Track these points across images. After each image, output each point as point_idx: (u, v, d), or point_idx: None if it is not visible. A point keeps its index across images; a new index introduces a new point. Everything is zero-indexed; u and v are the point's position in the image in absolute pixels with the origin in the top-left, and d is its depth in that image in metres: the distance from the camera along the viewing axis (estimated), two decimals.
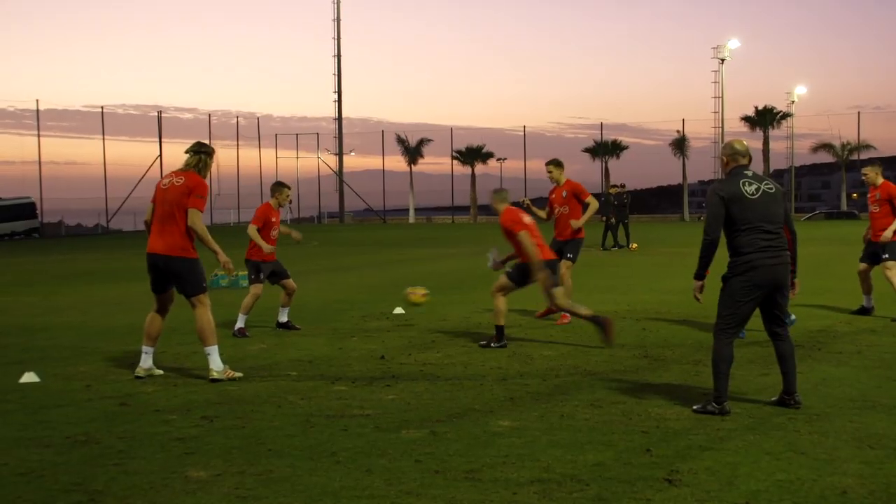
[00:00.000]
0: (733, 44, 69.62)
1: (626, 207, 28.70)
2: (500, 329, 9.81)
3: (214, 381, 8.08)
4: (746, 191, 6.54)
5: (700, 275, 6.72)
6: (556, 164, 12.43)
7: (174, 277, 8.33)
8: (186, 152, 8.48)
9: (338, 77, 69.85)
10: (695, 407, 6.69)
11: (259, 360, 9.32)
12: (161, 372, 8.53)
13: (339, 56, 69.59)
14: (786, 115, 71.80)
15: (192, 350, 9.95)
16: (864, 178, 12.26)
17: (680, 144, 72.30)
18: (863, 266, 12.09)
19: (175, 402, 7.29)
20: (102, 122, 65.74)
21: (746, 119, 71.08)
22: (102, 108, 66.93)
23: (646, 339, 10.15)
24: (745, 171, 6.68)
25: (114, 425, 6.51)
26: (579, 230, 12.07)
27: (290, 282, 11.87)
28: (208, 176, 8.55)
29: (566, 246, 11.93)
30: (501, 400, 7.17)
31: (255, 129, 76.06)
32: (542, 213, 12.31)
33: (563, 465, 5.32)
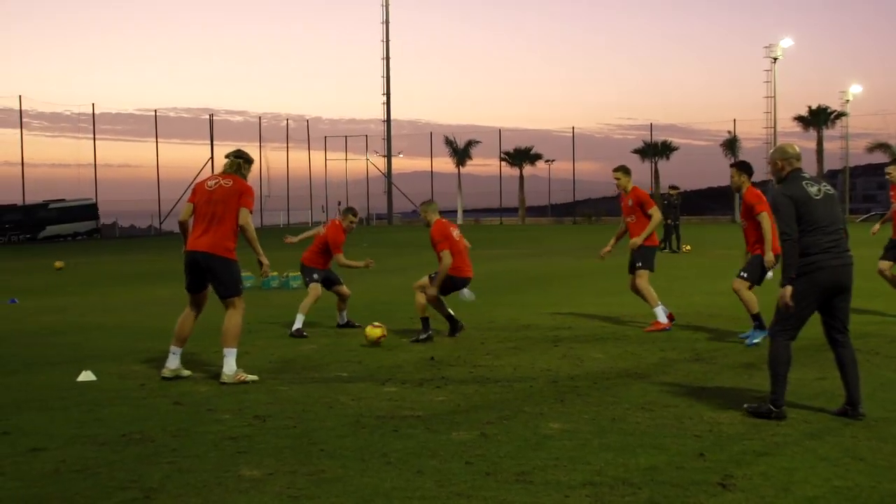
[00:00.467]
0: (786, 42, 68.74)
1: (677, 209, 28.49)
2: (424, 321, 10.55)
3: (224, 384, 8.08)
4: (811, 191, 6.47)
5: (790, 279, 6.40)
6: (623, 170, 11.62)
7: (212, 277, 8.37)
8: (226, 157, 8.59)
9: (386, 79, 70.01)
10: (747, 405, 6.62)
11: (311, 360, 9.37)
12: (189, 373, 8.57)
13: (387, 58, 69.75)
14: (840, 115, 70.79)
15: (244, 350, 10.02)
16: (887, 176, 12.16)
17: (731, 145, 71.52)
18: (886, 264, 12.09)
19: (228, 401, 7.35)
20: (156, 126, 66.77)
21: (799, 119, 70.20)
22: (156, 111, 68.30)
23: (697, 342, 10.06)
24: (803, 174, 6.61)
25: (168, 424, 6.58)
26: (650, 236, 11.39)
27: (343, 288, 12.00)
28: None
29: (635, 254, 11.33)
30: (552, 402, 7.13)
31: (304, 132, 76.08)
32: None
33: (614, 469, 5.28)
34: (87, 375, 8.40)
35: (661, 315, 10.98)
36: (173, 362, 8.46)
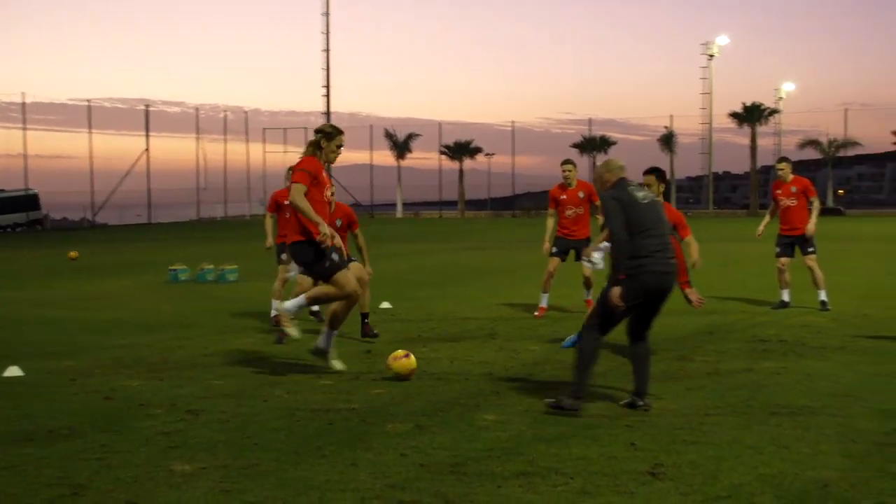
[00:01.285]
0: (722, 40, 69.84)
1: None
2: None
3: (273, 314, 8.09)
4: (637, 196, 6.56)
5: (617, 280, 6.45)
6: (573, 164, 12.20)
7: (300, 264, 8.28)
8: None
9: (327, 71, 69.68)
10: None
11: (246, 354, 9.31)
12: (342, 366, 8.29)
13: (328, 50, 69.43)
14: (773, 112, 72.06)
15: (178, 344, 9.94)
16: (779, 172, 12.56)
17: (668, 140, 72.50)
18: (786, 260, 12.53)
19: (160, 396, 7.28)
20: (89, 116, 65.74)
21: (734, 115, 71.28)
22: (89, 101, 66.81)
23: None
24: (629, 182, 6.71)
25: (98, 419, 6.50)
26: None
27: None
28: (322, 157, 8.08)
29: (581, 245, 11.71)
30: (487, 394, 7.18)
31: (242, 124, 75.77)
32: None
33: (547, 459, 5.33)
34: (14, 371, 8.24)
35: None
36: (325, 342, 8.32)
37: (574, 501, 4.61)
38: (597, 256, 8.07)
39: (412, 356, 7.86)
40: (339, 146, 8.11)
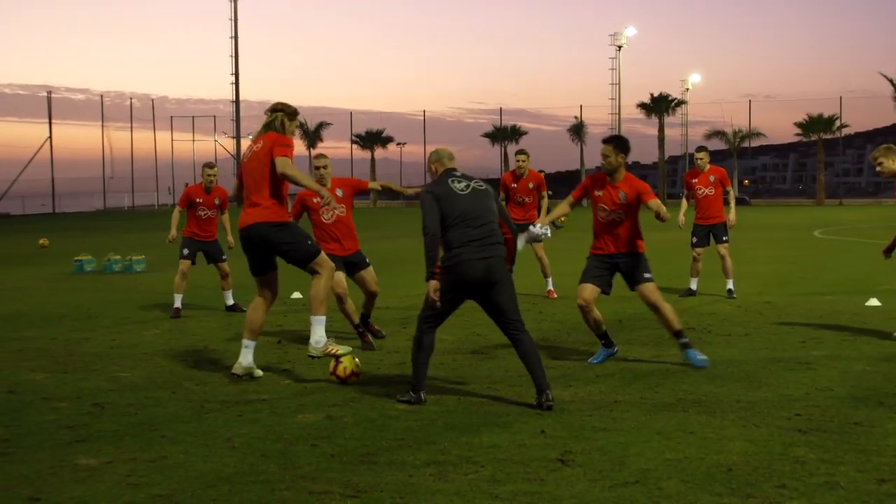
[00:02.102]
0: (630, 31, 70.80)
1: None
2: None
3: (312, 357, 7.33)
4: (456, 187, 6.62)
5: (433, 273, 6.49)
6: (527, 154, 12.61)
7: (273, 248, 7.37)
8: (265, 112, 7.66)
9: (235, 59, 68.62)
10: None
11: (155, 345, 9.16)
12: (261, 373, 7.59)
13: (235, 37, 68.33)
14: (680, 103, 73.44)
15: (84, 336, 9.74)
16: (698, 162, 12.83)
17: (578, 130, 73.35)
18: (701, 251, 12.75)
19: (65, 389, 7.12)
20: None
21: (642, 106, 72.44)
22: None
23: (542, 323, 10.30)
24: (454, 173, 6.78)
25: (4, 411, 6.33)
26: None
27: (224, 265, 11.77)
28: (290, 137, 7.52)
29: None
30: (398, 384, 7.19)
31: (149, 111, 74.38)
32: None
33: (458, 448, 5.36)
34: None
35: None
36: (245, 358, 7.48)
37: (484, 489, 4.64)
38: (524, 239, 7.87)
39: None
40: (297, 127, 7.86)
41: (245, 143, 73.51)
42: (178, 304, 11.38)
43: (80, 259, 17.99)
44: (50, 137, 65.20)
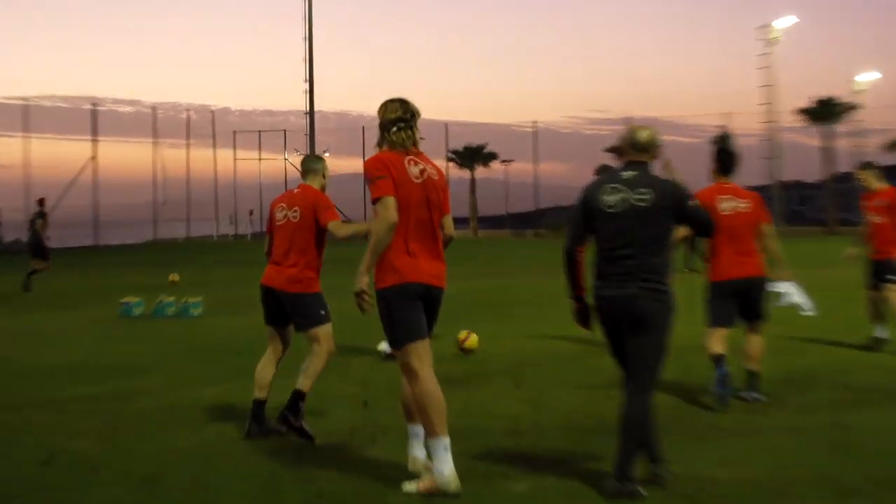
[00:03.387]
0: (786, 22, 69.81)
1: None
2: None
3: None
4: (608, 200, 6.24)
5: (574, 295, 6.53)
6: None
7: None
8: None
9: (309, 63, 69.52)
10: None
11: (216, 406, 9.21)
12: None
13: (310, 38, 69.31)
14: (852, 108, 72.02)
15: (134, 394, 9.86)
16: (861, 182, 12.47)
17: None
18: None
19: (111, 460, 7.20)
20: (25, 117, 65.68)
21: (804, 112, 71.24)
22: (26, 99, 66.92)
23: (691, 378, 10.06)
24: (623, 173, 6.36)
25: (34, 489, 6.43)
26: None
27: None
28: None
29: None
30: (514, 457, 7.07)
31: (208, 125, 75.51)
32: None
33: None
34: None
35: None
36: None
37: None
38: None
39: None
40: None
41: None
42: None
43: (128, 301, 18.31)
44: (94, 157, 66.78)
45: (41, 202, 26.87)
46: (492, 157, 75.33)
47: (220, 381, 10.63)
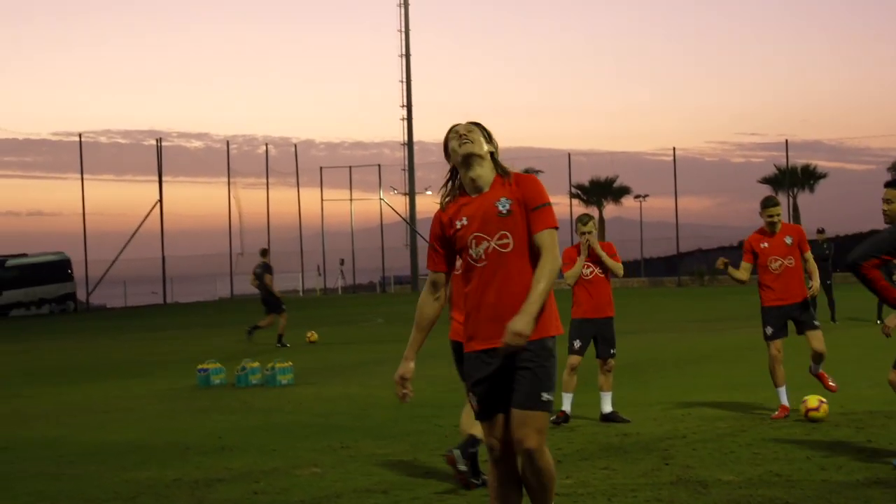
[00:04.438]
0: None
1: (828, 262, 28.21)
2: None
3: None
4: None
5: None
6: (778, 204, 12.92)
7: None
8: None
9: (407, 85, 69.72)
10: None
11: (313, 492, 9.27)
12: None
13: (407, 55, 69.61)
14: None
15: (216, 477, 9.97)
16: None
17: None
18: None
19: None
20: (81, 155, 66.61)
21: None
22: (80, 135, 67.95)
23: (877, 454, 9.89)
24: None
25: None
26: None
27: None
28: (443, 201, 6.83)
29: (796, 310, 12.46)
30: None
31: (290, 161, 75.75)
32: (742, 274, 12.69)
33: None
34: None
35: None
36: None
37: None
38: None
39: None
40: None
41: (422, 201, 72.82)
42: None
43: (205, 368, 18.49)
44: (160, 200, 67.46)
45: (265, 253, 27.83)
46: (623, 191, 74.82)
47: (317, 461, 10.70)
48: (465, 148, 6.47)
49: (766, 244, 12.52)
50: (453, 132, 6.60)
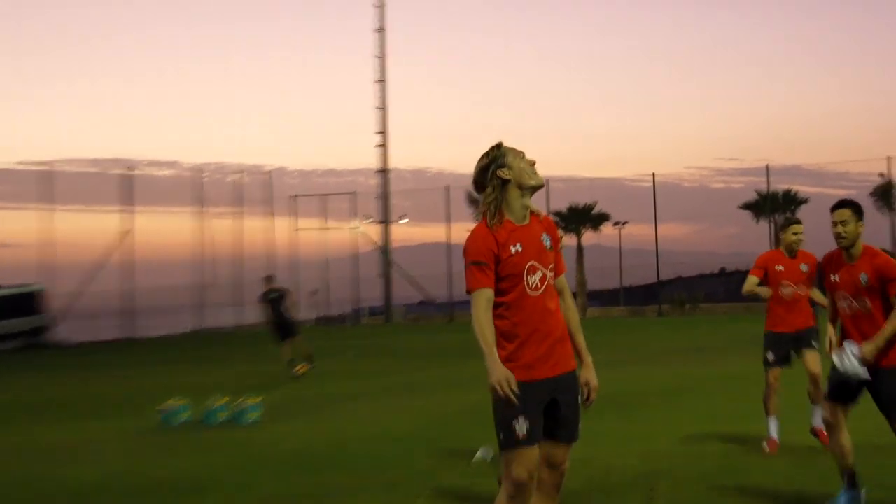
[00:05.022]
0: None
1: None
2: None
3: None
4: None
5: None
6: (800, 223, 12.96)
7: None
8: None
9: (382, 112, 70.01)
10: None
11: None
12: None
13: (383, 81, 69.87)
14: None
15: None
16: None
17: (886, 194, 71.60)
18: None
19: None
20: (46, 185, 66.47)
21: None
22: (48, 164, 67.85)
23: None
24: None
25: None
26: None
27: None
28: (486, 219, 6.84)
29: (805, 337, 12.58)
30: None
31: (262, 190, 75.68)
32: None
33: None
34: None
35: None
36: None
37: None
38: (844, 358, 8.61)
39: None
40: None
41: (397, 230, 72.87)
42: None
43: (169, 407, 18.24)
44: (128, 231, 67.22)
45: (271, 279, 28.97)
46: (603, 218, 74.91)
47: (293, 500, 10.60)
48: (540, 177, 6.82)
49: (781, 267, 12.47)
50: (520, 154, 6.84)
